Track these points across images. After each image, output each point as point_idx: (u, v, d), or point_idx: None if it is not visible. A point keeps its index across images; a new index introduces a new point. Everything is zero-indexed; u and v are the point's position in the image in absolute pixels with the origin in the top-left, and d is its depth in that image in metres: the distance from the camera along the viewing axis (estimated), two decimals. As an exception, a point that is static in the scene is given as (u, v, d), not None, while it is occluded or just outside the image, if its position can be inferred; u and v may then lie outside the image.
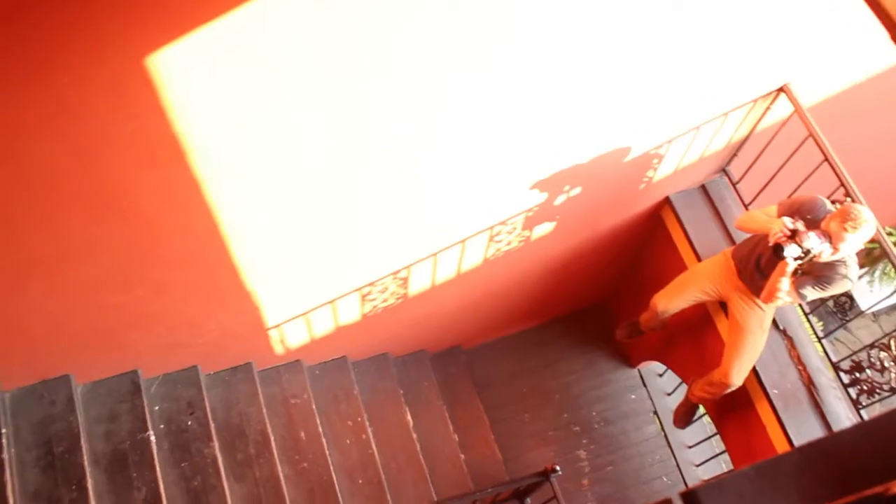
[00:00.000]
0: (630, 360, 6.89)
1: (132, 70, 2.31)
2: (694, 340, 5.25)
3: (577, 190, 4.20)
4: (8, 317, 3.42)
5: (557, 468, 4.87)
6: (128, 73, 2.32)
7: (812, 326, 4.71)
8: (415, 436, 5.51)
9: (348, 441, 5.08)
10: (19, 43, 2.16)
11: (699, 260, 4.80)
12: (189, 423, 4.35)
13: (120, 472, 4.07)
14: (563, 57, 3.07)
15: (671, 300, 4.62)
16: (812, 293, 3.79)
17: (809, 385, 4.44)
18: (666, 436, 6.63)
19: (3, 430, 3.79)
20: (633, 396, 6.88)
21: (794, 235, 3.57)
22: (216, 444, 4.33)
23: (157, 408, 4.35)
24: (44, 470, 3.90)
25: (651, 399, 6.84)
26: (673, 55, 3.42)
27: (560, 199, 4.21)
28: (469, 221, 4.06)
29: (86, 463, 3.92)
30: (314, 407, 4.87)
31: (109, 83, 2.33)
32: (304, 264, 3.78)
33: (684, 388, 5.59)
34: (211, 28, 2.27)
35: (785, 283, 3.73)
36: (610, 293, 6.73)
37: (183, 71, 2.38)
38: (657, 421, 6.75)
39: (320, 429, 4.82)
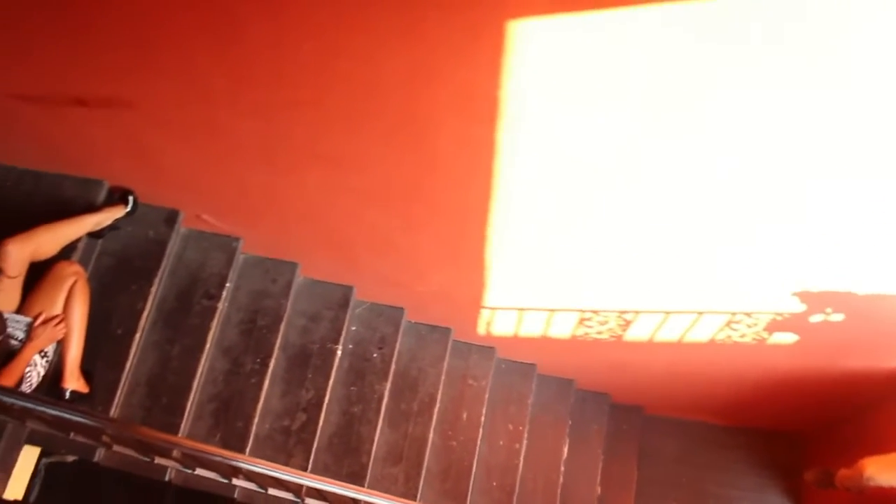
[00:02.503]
0: (804, 507, 6.40)
1: (494, 24, 2.36)
2: (888, 522, 4.79)
3: (839, 317, 3.90)
4: (277, 193, 3.69)
5: (685, 570, 4.62)
6: (489, 25, 2.37)
7: None
8: (562, 468, 5.41)
9: (501, 442, 5.07)
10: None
11: (938, 446, 4.36)
12: (374, 355, 4.51)
13: (299, 367, 4.31)
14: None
15: (884, 472, 4.22)
16: None
17: None
18: None
19: (228, 284, 4.11)
20: (789, 543, 6.40)
21: None
22: (388, 385, 4.47)
23: (353, 328, 4.54)
24: (242, 333, 4.19)
25: (808, 557, 6.33)
26: None
27: (816, 318, 3.94)
28: (716, 297, 3.90)
29: (277, 345, 4.18)
30: (486, 396, 4.90)
31: (468, 27, 2.40)
32: (546, 265, 3.78)
33: (851, 564, 5.13)
34: (582, 17, 2.29)
35: None
36: (816, 429, 6.25)
37: (537, 45, 2.41)
38: (803, 583, 6.24)
39: (482, 418, 4.85)
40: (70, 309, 3.62)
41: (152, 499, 5.00)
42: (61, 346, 3.66)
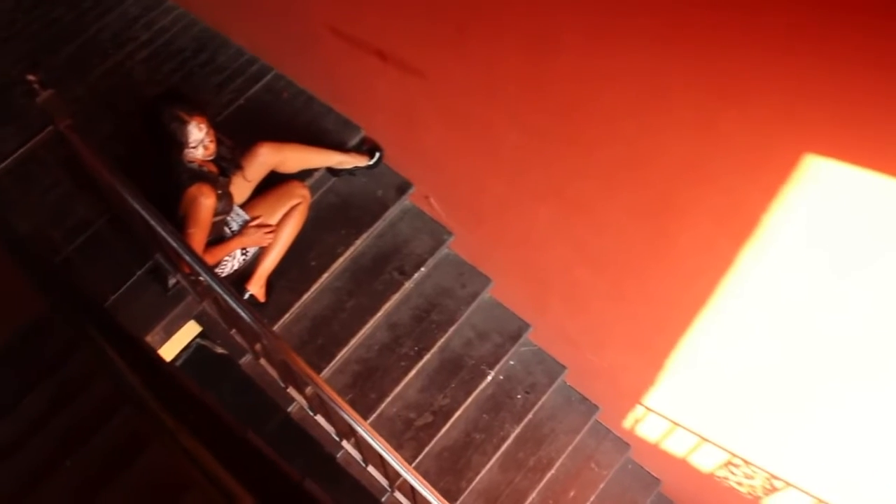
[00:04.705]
0: None
1: (790, 150, 2.29)
2: None
3: None
4: (506, 210, 3.76)
5: None
6: (784, 149, 2.31)
7: None
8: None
9: (591, 538, 4.94)
10: (730, 61, 2.25)
11: None
12: (519, 396, 4.49)
13: (447, 373, 4.36)
14: None
15: None
16: None
17: None
18: None
19: (423, 269, 4.23)
20: None
21: None
22: (518, 429, 4.43)
23: (512, 363, 4.54)
24: (413, 318, 4.31)
25: None
26: None
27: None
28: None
29: (438, 344, 4.25)
30: (601, 486, 4.76)
31: (763, 144, 2.33)
32: (724, 395, 3.62)
33: None
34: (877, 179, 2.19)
35: None
36: None
37: (824, 188, 2.33)
38: None
39: (587, 505, 4.74)
40: (284, 224, 3.84)
41: (263, 418, 5.19)
42: (261, 252, 3.88)
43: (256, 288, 3.91)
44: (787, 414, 3.37)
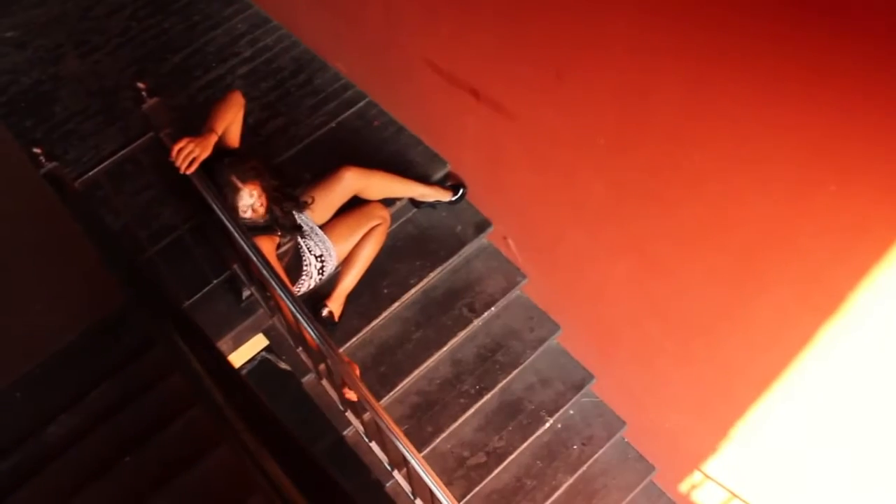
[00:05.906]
0: None
1: (886, 231, 2.25)
2: None
3: None
4: (583, 261, 3.75)
5: None
6: (879, 229, 2.26)
7: None
8: None
9: None
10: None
11: None
12: (575, 447, 4.43)
13: (505, 415, 4.34)
14: None
15: None
16: None
17: None
18: None
19: (493, 309, 4.24)
20: None
21: None
22: (570, 481, 4.36)
23: (571, 412, 4.48)
24: (477, 357, 4.33)
25: None
26: None
27: None
28: None
29: (499, 385, 4.25)
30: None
31: (856, 218, 2.27)
32: (784, 469, 3.52)
33: None
34: None
35: None
36: None
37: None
38: None
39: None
40: (362, 245, 3.90)
41: (314, 435, 5.22)
42: (340, 272, 3.94)
43: (336, 306, 3.96)
44: (854, 500, 3.27)
